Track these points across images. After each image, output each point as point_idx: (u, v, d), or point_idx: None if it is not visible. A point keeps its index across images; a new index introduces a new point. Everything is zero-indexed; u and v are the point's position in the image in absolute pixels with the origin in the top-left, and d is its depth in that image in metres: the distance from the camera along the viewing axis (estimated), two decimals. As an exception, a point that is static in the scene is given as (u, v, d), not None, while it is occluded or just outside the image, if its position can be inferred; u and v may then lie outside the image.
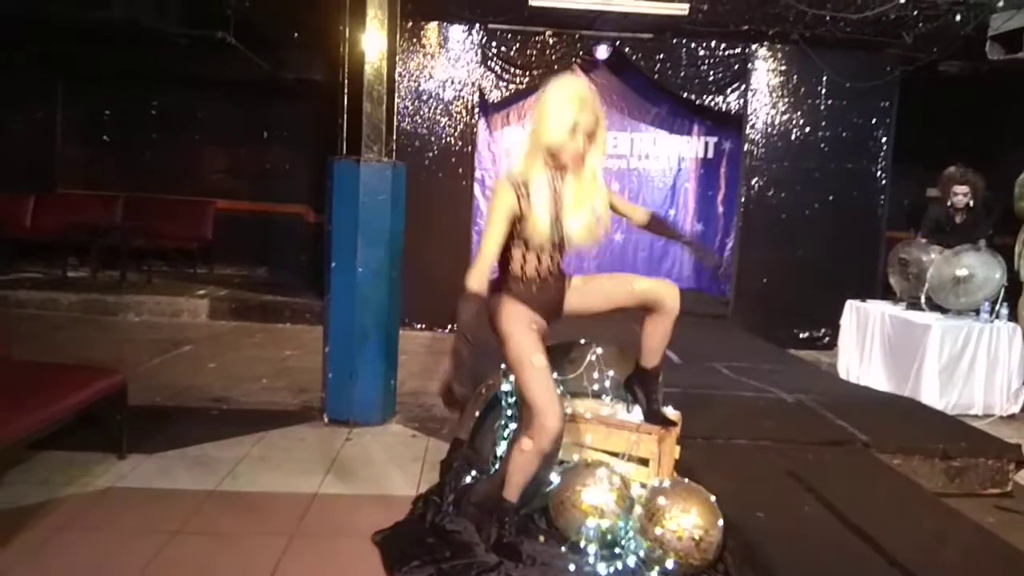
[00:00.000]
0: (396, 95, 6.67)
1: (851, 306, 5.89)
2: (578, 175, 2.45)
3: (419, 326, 6.92)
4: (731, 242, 7.56)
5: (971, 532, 2.73)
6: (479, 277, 2.38)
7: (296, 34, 7.36)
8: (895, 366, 5.28)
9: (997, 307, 5.07)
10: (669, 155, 7.97)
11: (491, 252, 2.43)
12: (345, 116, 4.00)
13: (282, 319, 7.09)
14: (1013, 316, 5.14)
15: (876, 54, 6.68)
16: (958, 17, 5.64)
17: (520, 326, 2.52)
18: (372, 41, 3.94)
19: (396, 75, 6.65)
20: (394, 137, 4.03)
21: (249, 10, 6.65)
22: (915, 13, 5.65)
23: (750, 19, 5.81)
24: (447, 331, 6.91)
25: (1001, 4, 5.36)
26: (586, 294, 2.68)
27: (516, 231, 2.44)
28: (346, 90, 4.00)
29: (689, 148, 7.95)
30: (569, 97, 2.36)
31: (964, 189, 5.50)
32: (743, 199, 7.12)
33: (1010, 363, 5.01)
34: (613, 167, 7.90)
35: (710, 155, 7.91)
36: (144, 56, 7.66)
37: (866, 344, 5.62)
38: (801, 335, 7.06)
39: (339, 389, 4.03)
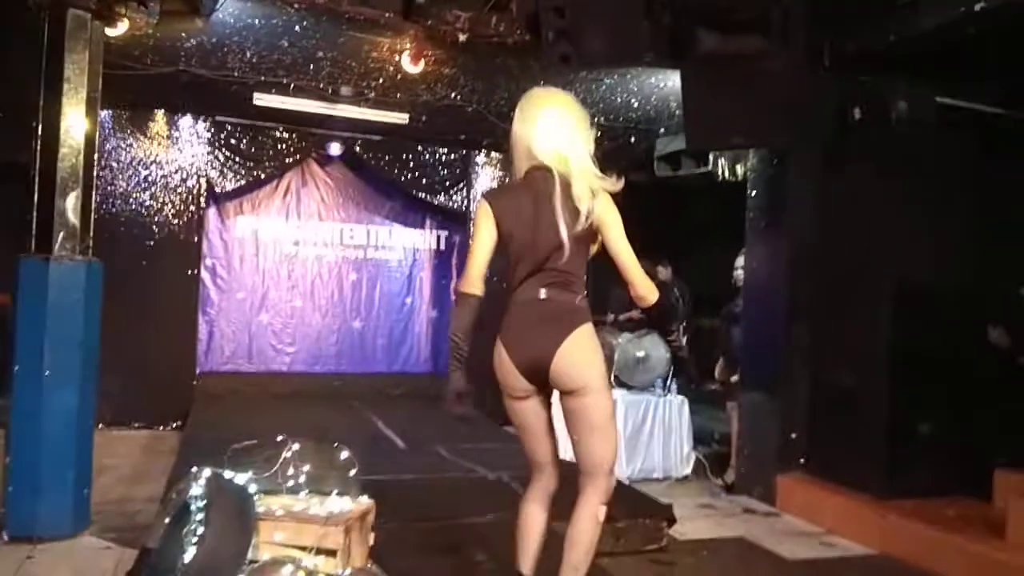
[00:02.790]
0: (116, 181, 6.56)
1: (559, 386, 6.54)
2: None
3: (137, 425, 6.51)
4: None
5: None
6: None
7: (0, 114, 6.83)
8: (592, 439, 5.94)
9: (668, 383, 5.95)
10: (405, 246, 8.37)
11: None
12: (35, 211, 3.85)
13: (-31, 425, 6.30)
14: (680, 390, 6.07)
15: (574, 165, 7.68)
16: (633, 139, 6.72)
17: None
18: (68, 136, 3.85)
19: (116, 163, 6.56)
20: (91, 233, 3.93)
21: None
22: (599, 135, 6.63)
23: (466, 130, 6.47)
24: (171, 428, 6.57)
25: (662, 131, 6.50)
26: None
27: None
28: (36, 183, 3.86)
29: (423, 240, 8.42)
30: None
31: None
32: (470, 288, 7.68)
33: (681, 431, 5.87)
34: (351, 256, 8.14)
35: (442, 247, 8.44)
36: None
37: (571, 420, 6.26)
38: (525, 413, 7.64)
39: (21, 503, 3.74)
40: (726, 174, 6.34)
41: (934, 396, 4.44)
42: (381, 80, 5.54)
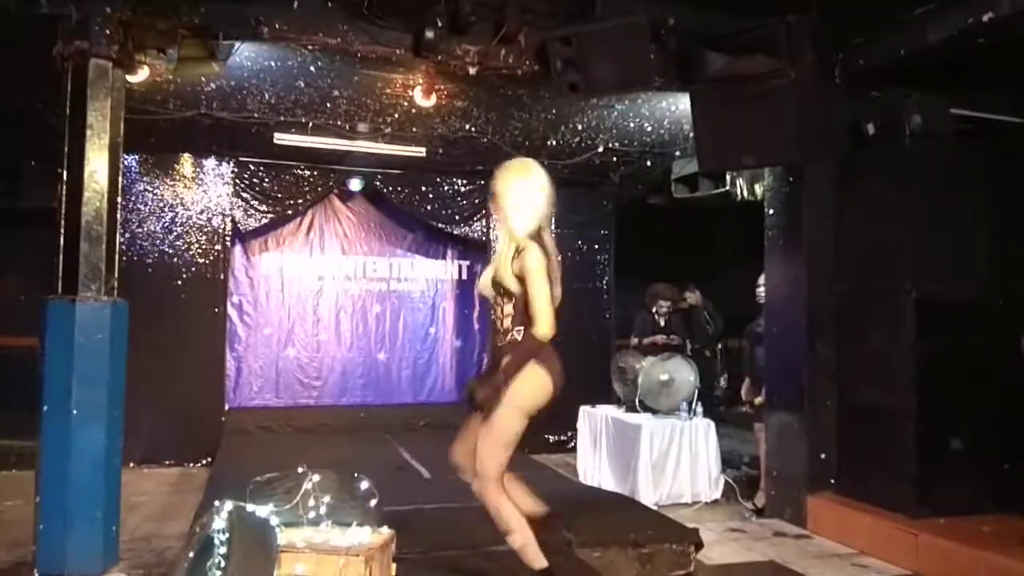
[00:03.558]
0: (144, 224, 6.73)
1: (584, 411, 6.52)
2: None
3: (168, 462, 6.60)
4: (486, 356, 8.07)
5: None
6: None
7: (33, 162, 7.07)
8: (618, 464, 5.89)
9: (693, 406, 5.89)
10: (427, 277, 8.44)
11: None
12: (61, 254, 3.96)
13: (6, 466, 6.44)
14: (707, 413, 5.99)
15: (593, 190, 7.76)
16: (649, 162, 6.74)
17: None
18: (92, 180, 3.96)
19: (143, 205, 6.74)
20: (115, 275, 4.03)
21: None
22: (615, 159, 6.68)
23: (483, 161, 6.53)
24: (201, 465, 6.64)
25: (678, 153, 6.51)
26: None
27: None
28: (62, 227, 3.98)
29: (444, 271, 8.48)
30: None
31: (667, 303, 6.56)
32: (492, 317, 7.72)
33: (708, 455, 5.79)
34: (374, 289, 8.22)
35: (464, 277, 8.48)
36: None
37: (597, 445, 6.23)
38: (550, 440, 7.63)
39: (52, 540, 3.81)
40: (744, 194, 6.31)
41: (963, 410, 4.36)
42: (397, 115, 5.64)
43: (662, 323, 6.63)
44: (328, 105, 5.49)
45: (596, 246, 8.01)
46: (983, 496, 4.31)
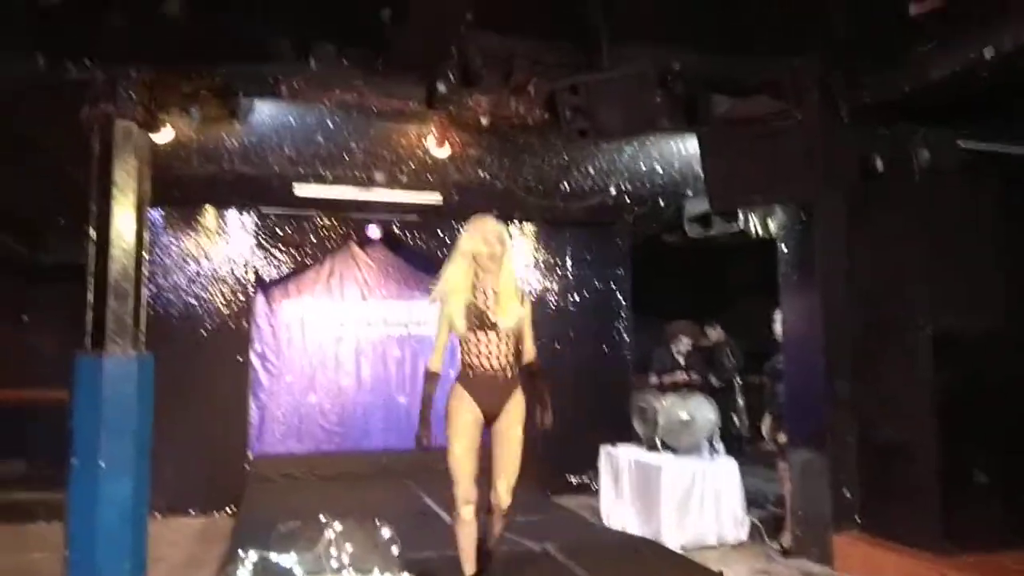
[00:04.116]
0: (169, 275, 6.89)
1: (604, 451, 6.49)
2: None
3: (192, 512, 6.64)
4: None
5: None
6: None
7: (61, 219, 7.28)
8: (641, 506, 5.84)
9: (714, 444, 5.85)
10: (445, 320, 8.50)
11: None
12: (90, 310, 4.08)
13: (35, 518, 6.51)
14: (729, 451, 5.95)
15: (607, 230, 7.83)
16: (662, 202, 6.81)
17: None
18: (119, 238, 4.08)
19: (168, 258, 6.91)
20: (142, 329, 4.14)
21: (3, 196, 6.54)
22: (628, 200, 6.76)
23: (498, 205, 6.63)
24: (225, 514, 6.68)
25: (690, 193, 6.57)
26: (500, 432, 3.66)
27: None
28: (92, 283, 4.10)
29: (463, 314, 8.53)
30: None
31: (688, 340, 6.57)
32: (512, 358, 7.75)
33: (732, 495, 5.73)
34: (394, 334, 8.29)
35: (482, 320, 8.53)
36: None
37: (619, 486, 6.18)
38: (573, 481, 7.58)
39: (81, 594, 3.86)
40: (759, 231, 6.34)
41: (985, 443, 4.31)
42: (412, 164, 5.77)
43: (682, 361, 6.63)
44: (346, 157, 5.63)
45: (612, 285, 8.05)
46: (1010, 530, 4.24)
